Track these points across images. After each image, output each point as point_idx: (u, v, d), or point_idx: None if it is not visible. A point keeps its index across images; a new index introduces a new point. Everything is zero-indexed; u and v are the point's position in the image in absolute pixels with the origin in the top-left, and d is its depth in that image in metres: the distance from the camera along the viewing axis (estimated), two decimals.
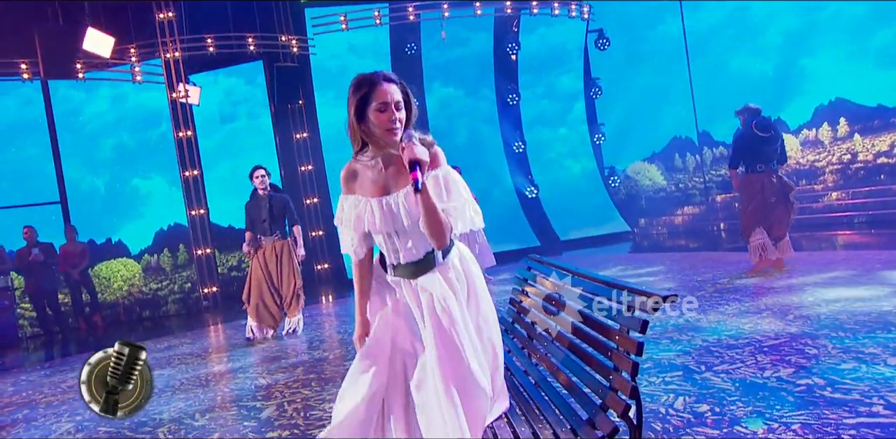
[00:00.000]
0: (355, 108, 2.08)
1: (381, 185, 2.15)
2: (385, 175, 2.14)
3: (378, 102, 2.06)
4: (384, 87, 2.06)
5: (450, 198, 2.07)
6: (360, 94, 2.07)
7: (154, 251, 10.58)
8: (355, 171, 2.19)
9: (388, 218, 2.11)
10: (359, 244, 2.24)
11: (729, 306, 5.28)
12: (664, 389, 3.48)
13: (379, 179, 2.15)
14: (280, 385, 4.71)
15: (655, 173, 14.35)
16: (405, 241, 2.13)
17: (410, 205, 2.08)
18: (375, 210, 2.13)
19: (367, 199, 2.15)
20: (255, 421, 3.92)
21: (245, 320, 6.80)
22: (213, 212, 10.74)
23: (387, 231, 2.13)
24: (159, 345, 7.25)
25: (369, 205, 2.14)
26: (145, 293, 10.38)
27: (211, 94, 11.14)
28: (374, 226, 2.14)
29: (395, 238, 2.15)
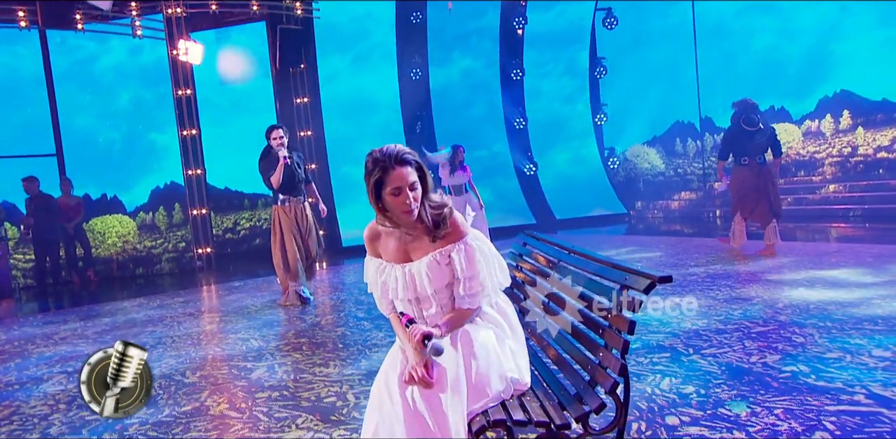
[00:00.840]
0: (371, 190, 2.12)
1: (402, 252, 2.21)
2: (406, 242, 2.20)
3: (392, 187, 2.09)
4: (397, 171, 2.08)
5: (471, 269, 2.15)
6: (374, 178, 2.10)
7: (149, 209, 10.54)
8: (378, 234, 2.26)
9: (410, 286, 2.19)
10: (387, 305, 2.32)
11: (720, 292, 5.32)
12: (651, 369, 3.53)
13: (400, 246, 2.21)
14: (271, 347, 4.75)
15: (654, 157, 14.31)
16: (428, 307, 2.22)
17: (433, 274, 2.15)
18: (399, 277, 2.20)
19: (392, 265, 2.22)
20: (245, 380, 3.96)
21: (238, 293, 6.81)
22: (210, 173, 10.67)
23: (409, 298, 2.21)
24: (152, 303, 7.28)
25: (394, 271, 2.21)
26: (139, 250, 10.38)
27: (212, 54, 10.96)
28: (396, 293, 2.22)
29: (416, 304, 2.23)
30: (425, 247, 2.18)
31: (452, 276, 2.18)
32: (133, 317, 6.50)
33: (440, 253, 2.17)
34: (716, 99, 13.17)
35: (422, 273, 2.17)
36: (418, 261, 2.19)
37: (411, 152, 2.14)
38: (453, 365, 2.07)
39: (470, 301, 2.19)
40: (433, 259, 2.17)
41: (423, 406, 1.97)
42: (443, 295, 2.20)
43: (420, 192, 2.13)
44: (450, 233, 2.18)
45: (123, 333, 5.69)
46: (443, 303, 2.21)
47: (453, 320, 2.20)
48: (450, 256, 2.17)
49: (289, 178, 6.06)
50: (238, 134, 11.32)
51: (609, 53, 14.19)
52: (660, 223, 12.61)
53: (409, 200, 2.10)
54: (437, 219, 2.16)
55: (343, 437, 2.96)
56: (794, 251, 7.17)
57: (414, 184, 2.11)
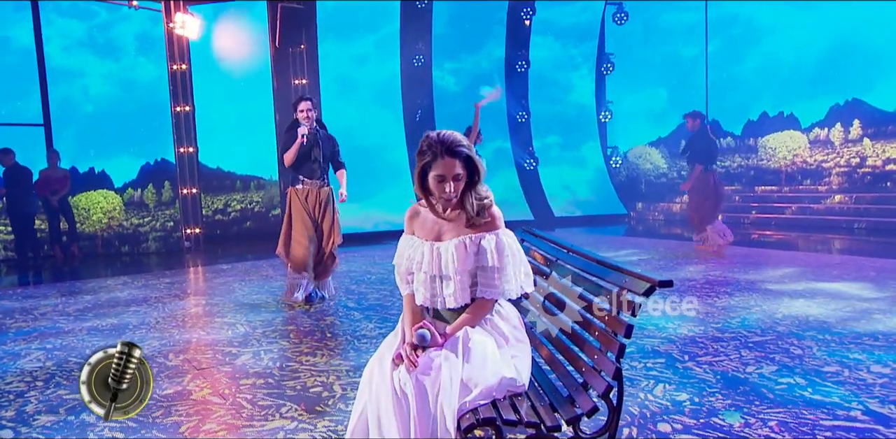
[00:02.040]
0: (419, 170, 2.29)
1: (436, 232, 2.36)
2: (441, 223, 2.35)
3: (436, 173, 2.25)
4: (445, 161, 2.23)
5: (500, 260, 2.28)
6: (423, 160, 2.27)
7: (138, 185, 10.48)
8: (417, 213, 2.42)
9: (435, 262, 2.32)
10: (406, 281, 2.44)
11: (718, 299, 5.35)
12: (645, 375, 3.54)
13: (435, 227, 2.36)
14: (258, 333, 4.74)
15: (657, 157, 14.31)
16: (447, 286, 2.32)
17: (459, 256, 2.28)
18: (426, 252, 2.34)
19: (423, 241, 2.37)
20: (229, 366, 3.96)
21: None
22: (203, 151, 10.62)
23: (431, 274, 2.33)
24: (136, 282, 7.26)
25: (423, 246, 2.36)
26: (125, 227, 10.33)
27: (210, 29, 10.87)
28: (420, 265, 2.35)
29: (437, 282, 2.33)
30: (458, 231, 2.32)
31: (476, 264, 2.30)
32: (116, 295, 6.48)
33: (470, 238, 2.30)
34: (724, 101, 13.16)
35: (449, 252, 2.30)
36: (448, 241, 2.32)
37: (465, 145, 2.26)
38: (446, 360, 2.13)
39: (491, 291, 2.30)
40: (462, 241, 2.30)
41: (410, 389, 2.06)
42: (463, 277, 2.31)
43: (462, 184, 2.27)
44: (486, 223, 2.31)
45: (105, 312, 5.67)
46: (462, 287, 2.31)
47: (469, 316, 2.31)
48: (479, 244, 2.29)
49: (302, 158, 5.52)
50: (233, 113, 11.26)
51: (617, 49, 14.16)
52: (660, 226, 12.64)
53: (449, 189, 2.25)
54: (479, 209, 2.30)
55: (327, 429, 2.97)
56: (795, 261, 7.21)
57: (458, 176, 2.25)
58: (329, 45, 11.75)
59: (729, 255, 7.70)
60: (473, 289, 2.33)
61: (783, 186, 12.27)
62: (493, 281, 2.29)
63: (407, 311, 2.40)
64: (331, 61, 11.78)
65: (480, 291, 2.31)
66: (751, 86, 12.82)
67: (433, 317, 2.40)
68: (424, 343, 2.19)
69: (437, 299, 2.34)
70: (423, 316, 2.43)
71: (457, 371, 2.12)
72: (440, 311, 2.37)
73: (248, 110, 11.43)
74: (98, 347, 4.40)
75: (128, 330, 4.95)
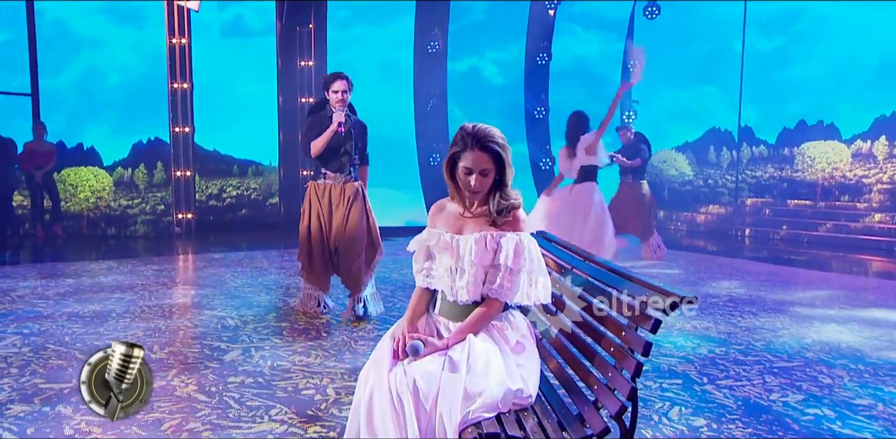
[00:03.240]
0: (448, 158, 2.38)
1: (458, 226, 2.46)
2: (465, 217, 2.45)
3: (464, 165, 2.35)
4: (474, 154, 2.32)
5: (515, 262, 2.35)
6: (453, 150, 2.37)
7: (129, 165, 10.54)
8: (443, 207, 2.52)
9: (454, 252, 2.41)
10: (422, 271, 2.52)
11: (743, 319, 5.34)
12: (660, 396, 3.55)
13: (458, 221, 2.46)
14: (248, 329, 4.77)
15: (684, 164, 14.26)
16: (462, 279, 2.40)
17: (478, 250, 2.37)
18: (446, 242, 2.44)
19: (443, 232, 2.47)
20: (217, 362, 3.98)
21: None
22: (199, 132, 10.66)
23: (448, 264, 2.42)
24: (122, 267, 7.30)
25: (443, 237, 2.45)
26: (113, 209, 10.39)
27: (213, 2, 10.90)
28: (440, 256, 2.45)
29: (454, 273, 2.42)
30: (480, 226, 2.41)
31: (493, 262, 2.37)
32: (100, 280, 6.52)
33: (491, 234, 2.38)
34: (759, 107, 13.10)
35: (468, 244, 2.39)
36: (469, 234, 2.41)
37: (498, 141, 2.34)
38: (447, 365, 2.20)
39: (497, 291, 2.37)
40: (482, 236, 2.38)
41: (407, 393, 2.11)
42: (478, 271, 2.39)
43: (490, 180, 2.36)
44: (509, 222, 2.39)
45: (88, 297, 5.71)
46: (475, 281, 2.39)
47: (474, 319, 2.37)
48: (499, 243, 2.36)
49: (332, 149, 4.92)
50: (234, 93, 11.29)
51: (647, 46, 14.10)
52: (682, 237, 12.60)
53: (473, 183, 2.34)
54: (501, 208, 2.39)
55: (319, 435, 2.98)
56: (828, 283, 7.17)
57: (485, 170, 2.34)
58: (339, 24, 11.77)
59: (756, 273, 7.67)
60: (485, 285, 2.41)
61: (818, 201, 12.20)
62: (503, 281, 2.35)
63: (411, 304, 2.53)
64: (340, 42, 11.80)
65: (487, 288, 2.38)
66: (790, 90, 12.74)
67: (440, 313, 2.47)
68: (417, 355, 2.26)
69: (453, 290, 2.42)
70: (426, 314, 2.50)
71: (458, 379, 2.15)
72: (446, 301, 2.44)
73: (250, 91, 11.47)
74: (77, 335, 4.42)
75: (110, 319, 4.98)
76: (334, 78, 4.89)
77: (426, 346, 2.29)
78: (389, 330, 2.46)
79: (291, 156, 11.47)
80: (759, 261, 8.17)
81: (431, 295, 2.55)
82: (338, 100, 4.86)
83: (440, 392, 2.12)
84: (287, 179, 11.55)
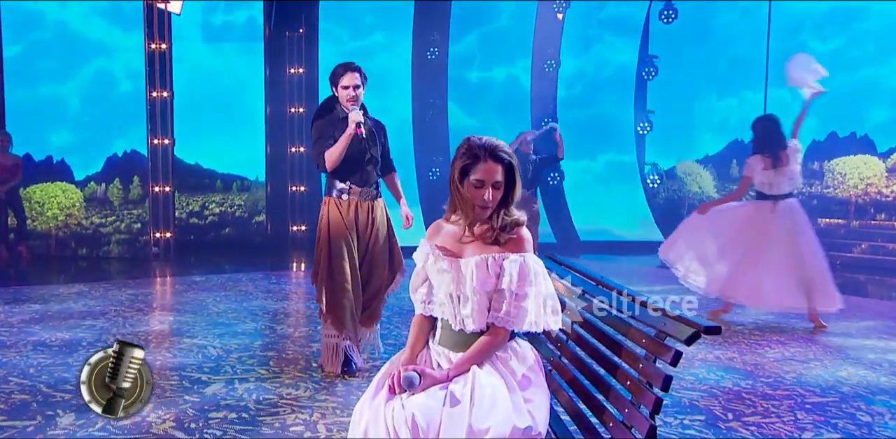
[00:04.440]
0: (457, 172, 2.41)
1: (458, 249, 2.47)
2: (464, 239, 2.46)
3: (475, 178, 2.37)
4: (487, 164, 2.36)
5: (520, 286, 2.35)
6: (463, 162, 2.39)
7: (102, 180, 10.57)
8: (440, 228, 2.53)
9: (454, 278, 2.41)
10: (422, 298, 2.54)
11: (771, 349, 5.33)
12: (681, 433, 3.54)
13: (458, 243, 2.47)
14: (232, 359, 4.77)
15: (707, 179, 14.30)
16: (464, 307, 2.41)
17: (479, 275, 2.37)
18: (445, 268, 2.44)
19: (442, 256, 2.46)
20: (197, 396, 3.99)
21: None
22: (180, 144, 10.72)
23: (449, 291, 2.43)
24: (94, 291, 7.31)
25: (443, 262, 2.45)
26: (85, 227, 10.42)
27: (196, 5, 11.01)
28: (439, 281, 2.45)
29: (456, 301, 2.42)
30: (480, 248, 2.42)
31: (496, 286, 2.37)
32: (70, 306, 6.53)
33: (493, 257, 2.38)
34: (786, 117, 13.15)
35: (469, 268, 2.39)
36: (469, 258, 2.42)
37: (510, 153, 2.41)
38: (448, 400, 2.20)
39: (502, 319, 2.36)
40: (483, 259, 2.38)
41: (405, 430, 2.13)
42: (482, 298, 2.39)
43: (501, 194, 2.40)
44: (512, 242, 2.41)
45: (56, 325, 5.72)
46: (480, 308, 2.39)
47: (477, 350, 2.37)
48: (501, 266, 2.37)
49: (355, 157, 4.35)
50: (218, 103, 11.36)
51: (662, 51, 14.22)
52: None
53: (487, 197, 2.37)
54: (506, 224, 2.41)
55: None
56: (865, 310, 7.14)
57: (497, 183, 2.38)
58: (332, 30, 11.86)
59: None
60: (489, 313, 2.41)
61: (852, 220, 12.22)
62: (507, 307, 2.36)
63: (412, 333, 2.54)
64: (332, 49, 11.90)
65: (492, 316, 2.38)
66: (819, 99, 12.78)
67: (441, 343, 2.47)
68: (412, 388, 2.26)
69: (457, 319, 2.42)
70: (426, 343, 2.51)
71: (461, 414, 2.15)
72: (447, 330, 2.45)
73: (236, 100, 11.56)
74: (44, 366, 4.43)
75: (80, 348, 4.99)
76: (344, 69, 4.38)
77: (423, 379, 2.29)
78: (388, 362, 2.47)
79: (279, 170, 11.53)
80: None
81: (432, 323, 2.56)
82: (350, 97, 4.31)
83: (441, 428, 2.13)
84: (275, 195, 11.60)
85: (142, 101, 10.36)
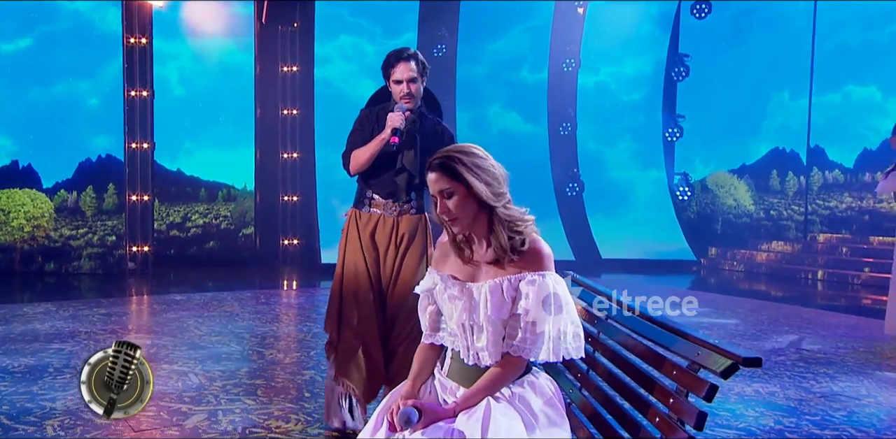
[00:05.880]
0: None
1: (469, 271, 2.44)
2: (472, 259, 2.44)
3: (431, 193, 2.40)
4: (429, 176, 2.37)
5: (538, 310, 2.30)
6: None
7: (74, 187, 10.62)
8: (447, 251, 2.51)
9: (466, 306, 2.39)
10: (430, 323, 2.54)
11: (817, 383, 5.30)
12: None
13: (467, 265, 2.45)
14: (216, 387, 4.77)
15: (743, 191, 14.29)
16: (479, 338, 2.38)
17: (494, 301, 2.33)
18: (456, 294, 2.42)
19: (450, 280, 2.45)
20: (176, 429, 3.98)
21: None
22: (160, 149, 10.77)
23: (461, 320, 2.40)
24: (63, 311, 7.33)
25: (452, 287, 2.43)
26: (54, 240, 10.45)
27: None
28: (450, 310, 2.43)
29: (469, 331, 2.40)
30: (494, 271, 2.38)
31: (512, 311, 2.34)
32: (35, 327, 6.54)
33: (508, 280, 2.34)
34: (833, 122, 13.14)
35: (482, 295, 2.36)
36: (482, 282, 2.39)
37: (450, 155, 2.36)
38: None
39: (518, 347, 2.33)
40: (497, 284, 2.34)
41: None
42: (497, 328, 2.36)
43: (459, 203, 2.34)
44: (528, 258, 2.36)
45: (19, 348, 5.73)
46: (495, 340, 2.36)
47: (488, 381, 2.34)
48: (517, 288, 2.33)
49: (384, 164, 3.95)
50: (202, 103, 11.43)
51: (694, 50, 14.25)
52: (739, 279, 12.58)
53: (437, 210, 2.38)
54: (511, 236, 2.35)
55: None
56: None
57: (444, 191, 2.35)
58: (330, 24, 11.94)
59: (832, 325, 7.63)
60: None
61: None
62: (524, 334, 2.32)
63: (415, 363, 2.53)
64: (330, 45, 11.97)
65: (506, 345, 2.34)
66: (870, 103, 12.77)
67: (450, 368, 2.46)
68: (410, 425, 2.25)
69: (471, 353, 2.40)
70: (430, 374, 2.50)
71: None
72: (458, 362, 2.43)
73: (222, 100, 11.62)
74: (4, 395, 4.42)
75: (46, 375, 4.99)
76: (397, 58, 3.89)
77: (424, 414, 2.27)
78: (389, 393, 2.46)
79: (270, 178, 11.59)
80: (836, 311, 8.14)
81: (439, 352, 2.55)
82: (403, 93, 3.89)
83: None
84: (265, 206, 11.64)
85: (119, 101, 10.42)
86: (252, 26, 11.63)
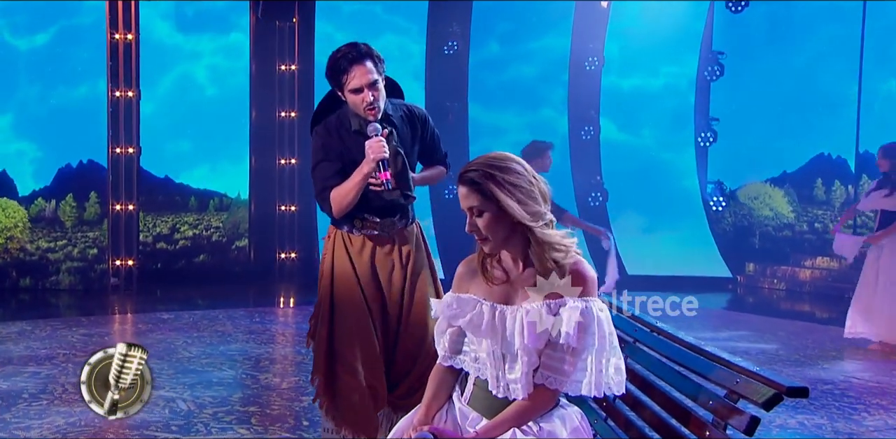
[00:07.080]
0: None
1: (501, 292, 2.41)
2: (506, 281, 2.42)
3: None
4: (459, 190, 2.38)
5: (579, 339, 2.26)
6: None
7: (52, 195, 10.64)
8: (474, 269, 2.47)
9: (499, 331, 2.34)
10: (450, 345, 2.49)
11: (869, 414, 5.25)
12: None
13: (500, 285, 2.41)
14: (206, 415, 4.77)
15: (781, 202, 14.23)
16: (511, 369, 2.34)
17: (530, 328, 2.29)
18: (486, 317, 2.36)
19: (481, 301, 2.41)
20: None
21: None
22: (146, 154, 10.79)
23: (490, 347, 2.35)
24: (39, 331, 7.35)
25: (481, 308, 2.39)
26: (29, 252, 10.47)
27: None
28: (477, 336, 2.38)
29: (500, 360, 2.35)
30: (530, 294, 2.36)
31: (550, 338, 2.31)
32: (9, 348, 6.56)
33: (548, 305, 2.31)
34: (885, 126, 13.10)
35: (517, 320, 2.33)
36: (516, 306, 2.35)
37: (479, 169, 2.33)
38: None
39: (554, 379, 2.30)
40: (536, 310, 2.31)
41: None
42: (532, 358, 2.32)
43: (493, 220, 2.32)
44: (569, 282, 2.33)
45: None
46: (530, 370, 2.32)
47: (517, 411, 2.32)
48: (557, 314, 2.29)
49: (372, 198, 3.56)
50: (192, 105, 11.47)
51: (730, 48, 14.23)
52: (780, 298, 12.54)
53: (467, 227, 2.37)
54: (554, 258, 2.33)
55: None
56: None
57: (474, 209, 2.35)
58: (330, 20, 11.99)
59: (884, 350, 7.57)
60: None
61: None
62: (561, 365, 2.29)
63: (429, 387, 2.51)
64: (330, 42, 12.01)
65: (542, 376, 2.31)
66: None
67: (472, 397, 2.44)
68: None
69: (500, 384, 2.36)
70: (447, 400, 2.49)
71: None
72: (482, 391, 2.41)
73: (214, 102, 11.66)
74: None
75: (21, 401, 5.01)
76: (350, 61, 3.37)
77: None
78: (402, 419, 2.45)
79: (266, 186, 11.59)
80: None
81: (457, 376, 2.53)
82: (366, 103, 3.38)
83: None
84: (260, 216, 11.63)
85: (102, 102, 10.47)
86: (247, 22, 11.66)
